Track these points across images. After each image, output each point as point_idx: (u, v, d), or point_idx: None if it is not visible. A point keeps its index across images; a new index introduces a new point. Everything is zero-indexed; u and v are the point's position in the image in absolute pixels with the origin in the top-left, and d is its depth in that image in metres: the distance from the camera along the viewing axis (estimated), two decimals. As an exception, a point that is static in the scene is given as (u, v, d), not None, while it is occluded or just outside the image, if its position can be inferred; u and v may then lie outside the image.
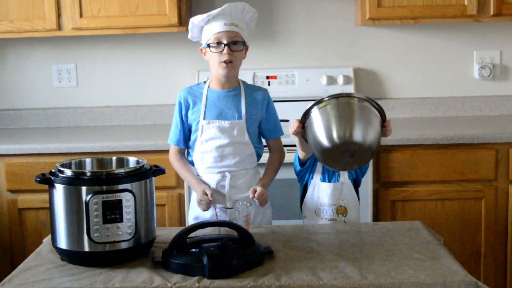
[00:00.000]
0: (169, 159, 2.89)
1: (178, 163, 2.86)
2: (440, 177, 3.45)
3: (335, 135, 2.37)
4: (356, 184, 2.74)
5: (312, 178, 2.73)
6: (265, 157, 2.88)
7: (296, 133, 2.58)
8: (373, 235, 2.40)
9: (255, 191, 2.68)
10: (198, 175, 2.82)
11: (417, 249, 2.24)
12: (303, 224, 2.68)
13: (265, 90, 2.84)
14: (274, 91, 3.75)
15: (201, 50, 2.79)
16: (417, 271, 2.04)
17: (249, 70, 3.89)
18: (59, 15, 3.68)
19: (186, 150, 2.90)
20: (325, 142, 2.39)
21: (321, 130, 2.41)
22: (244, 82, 2.83)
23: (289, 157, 2.95)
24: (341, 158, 2.41)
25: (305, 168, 2.76)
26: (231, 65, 2.69)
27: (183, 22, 3.68)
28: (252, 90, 2.82)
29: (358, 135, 2.36)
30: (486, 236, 3.48)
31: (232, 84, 2.79)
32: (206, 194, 2.69)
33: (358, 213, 2.74)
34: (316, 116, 2.45)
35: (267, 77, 3.96)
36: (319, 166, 2.72)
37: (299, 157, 2.75)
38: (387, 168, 3.44)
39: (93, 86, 4.13)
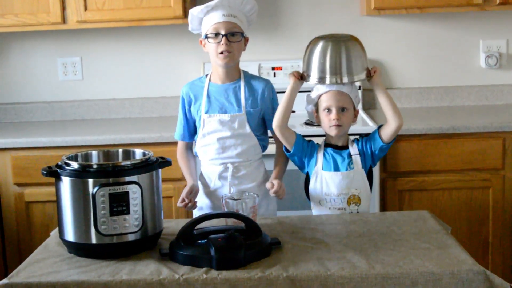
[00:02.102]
0: (177, 155, 2.91)
1: (181, 158, 2.89)
2: (447, 167, 3.44)
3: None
4: (371, 172, 2.72)
5: (313, 169, 2.70)
6: (272, 148, 2.88)
7: (296, 74, 2.63)
8: (380, 225, 2.39)
9: (272, 186, 2.68)
10: (201, 173, 2.84)
11: (425, 238, 2.23)
12: (310, 215, 2.67)
13: (266, 81, 2.83)
14: (280, 82, 3.74)
15: (201, 42, 2.79)
16: (425, 261, 2.04)
17: (254, 61, 3.88)
18: (63, 8, 3.69)
19: (193, 143, 2.91)
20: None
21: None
22: (245, 73, 2.82)
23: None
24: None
25: (293, 154, 2.71)
26: (229, 55, 2.69)
27: (187, 14, 3.67)
28: (253, 81, 2.81)
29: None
30: (493, 225, 3.48)
31: (233, 77, 2.79)
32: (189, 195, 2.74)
33: (369, 202, 2.72)
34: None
35: (273, 68, 3.96)
36: (319, 157, 2.69)
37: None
38: (394, 158, 3.43)
39: (99, 79, 4.14)
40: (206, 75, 2.85)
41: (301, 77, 2.64)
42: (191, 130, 2.87)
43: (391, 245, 2.18)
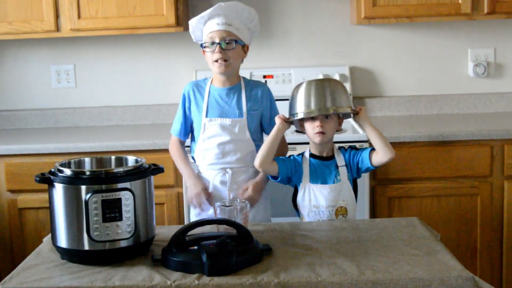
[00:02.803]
0: (169, 148, 2.93)
1: (177, 152, 2.91)
2: (436, 174, 3.47)
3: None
4: (356, 183, 2.74)
5: (300, 181, 2.70)
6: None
7: (283, 117, 2.66)
8: (370, 231, 2.41)
9: (246, 189, 2.75)
10: (199, 172, 2.86)
11: (414, 245, 2.25)
12: (301, 222, 2.69)
13: (264, 85, 2.88)
14: (271, 90, 3.75)
15: (203, 52, 2.82)
16: (414, 267, 2.05)
17: (246, 69, 3.90)
18: (57, 16, 3.70)
19: (185, 144, 2.94)
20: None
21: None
22: (244, 79, 2.86)
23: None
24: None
25: (280, 180, 2.73)
26: (225, 63, 2.72)
27: (180, 22, 3.70)
28: (252, 86, 2.85)
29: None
30: (481, 232, 3.50)
31: (233, 82, 2.82)
32: (203, 193, 2.77)
33: (355, 212, 2.74)
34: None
35: (264, 76, 3.98)
36: (305, 170, 2.69)
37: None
38: (384, 165, 3.41)
39: (92, 87, 4.15)
40: (210, 78, 2.88)
41: (288, 119, 2.68)
42: (188, 128, 2.89)
43: (381, 251, 2.20)
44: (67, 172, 2.18)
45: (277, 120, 2.67)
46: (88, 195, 2.12)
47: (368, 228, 2.45)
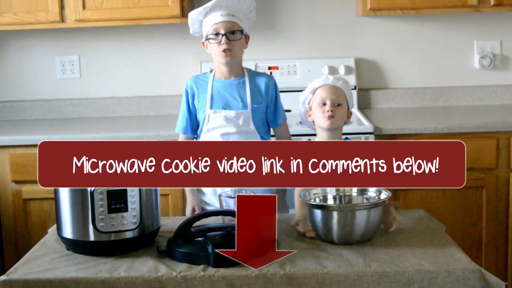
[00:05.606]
0: None
1: None
2: (442, 166, 3.46)
3: None
4: None
5: None
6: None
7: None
8: (376, 223, 2.40)
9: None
10: None
11: (421, 237, 2.26)
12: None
13: (270, 77, 2.87)
14: (276, 81, 3.76)
15: (203, 43, 2.82)
16: (420, 259, 2.06)
17: (251, 61, 3.90)
18: (62, 7, 3.69)
19: (195, 139, 2.93)
20: None
21: None
22: (248, 70, 2.86)
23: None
24: None
25: None
26: (231, 53, 2.73)
27: (185, 13, 3.69)
28: (257, 77, 2.85)
29: None
30: (487, 225, 3.50)
31: (237, 73, 2.82)
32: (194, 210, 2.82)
33: None
34: None
35: (269, 68, 3.98)
36: None
37: None
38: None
39: (96, 78, 4.15)
40: (211, 71, 2.87)
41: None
42: (194, 124, 2.88)
43: (387, 243, 2.20)
44: (73, 163, 2.18)
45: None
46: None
47: (373, 220, 2.45)
